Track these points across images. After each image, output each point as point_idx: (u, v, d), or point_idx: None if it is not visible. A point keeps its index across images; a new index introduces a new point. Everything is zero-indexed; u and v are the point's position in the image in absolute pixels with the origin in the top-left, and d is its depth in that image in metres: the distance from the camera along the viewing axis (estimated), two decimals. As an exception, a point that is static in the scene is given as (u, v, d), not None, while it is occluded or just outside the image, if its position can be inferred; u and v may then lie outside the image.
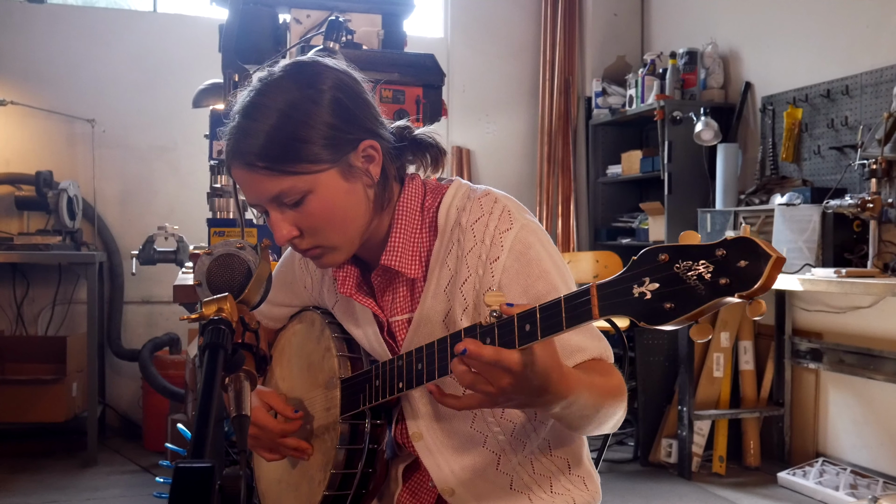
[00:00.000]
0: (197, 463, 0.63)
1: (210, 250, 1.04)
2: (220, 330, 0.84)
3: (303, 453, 1.31)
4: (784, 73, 4.22)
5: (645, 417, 4.19)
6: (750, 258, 0.78)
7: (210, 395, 0.73)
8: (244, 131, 1.13)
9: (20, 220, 4.50)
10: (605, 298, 0.88)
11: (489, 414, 1.23)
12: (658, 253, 0.84)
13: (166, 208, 4.64)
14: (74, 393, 4.20)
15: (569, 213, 5.23)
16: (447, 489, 1.25)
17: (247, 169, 1.13)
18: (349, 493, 1.28)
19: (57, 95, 4.53)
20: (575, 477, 1.31)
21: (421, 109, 2.66)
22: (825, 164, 3.95)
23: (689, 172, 4.44)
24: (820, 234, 3.48)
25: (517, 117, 5.35)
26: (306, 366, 1.39)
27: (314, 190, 1.14)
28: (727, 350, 4.16)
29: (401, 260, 1.22)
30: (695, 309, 0.81)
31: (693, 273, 0.81)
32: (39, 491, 3.67)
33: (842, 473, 3.66)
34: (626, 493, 3.73)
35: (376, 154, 1.19)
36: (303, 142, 1.12)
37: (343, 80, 1.18)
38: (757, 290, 0.78)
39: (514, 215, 1.21)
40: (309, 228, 1.17)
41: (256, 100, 1.15)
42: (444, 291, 1.21)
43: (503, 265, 1.18)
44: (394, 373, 1.19)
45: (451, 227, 1.22)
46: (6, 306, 4.49)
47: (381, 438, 1.30)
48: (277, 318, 1.49)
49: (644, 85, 4.77)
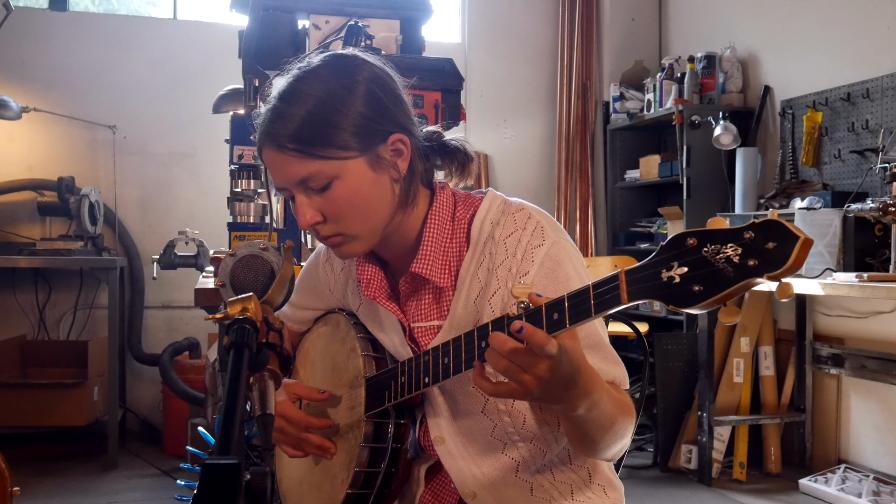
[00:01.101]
0: (224, 459, 0.64)
1: (234, 251, 1.05)
2: (244, 329, 0.84)
3: (326, 452, 1.32)
4: (803, 76, 4.20)
5: (664, 423, 4.17)
6: (778, 240, 0.79)
7: (236, 393, 0.73)
8: (280, 114, 1.16)
9: (42, 225, 4.54)
10: (634, 283, 0.89)
11: (509, 424, 1.24)
12: (686, 238, 0.85)
13: (186, 214, 4.67)
14: (95, 397, 4.23)
15: (587, 218, 5.22)
16: (469, 493, 1.26)
17: (277, 150, 1.15)
18: (372, 492, 1.28)
19: (78, 102, 4.58)
20: (596, 486, 1.31)
21: (440, 114, 2.67)
22: (846, 168, 3.92)
23: (708, 177, 4.43)
24: (841, 239, 3.46)
25: (535, 122, 5.35)
26: (331, 367, 1.40)
27: (341, 176, 1.16)
28: (747, 355, 4.13)
29: (431, 268, 1.24)
30: (724, 291, 0.82)
31: (721, 256, 0.82)
32: (61, 494, 3.70)
33: (864, 480, 3.62)
34: (645, 499, 3.71)
35: (405, 149, 1.20)
36: (335, 127, 1.14)
37: (379, 74, 1.21)
38: (785, 270, 0.79)
39: (546, 232, 1.23)
40: (333, 215, 1.18)
41: (295, 85, 1.17)
42: (474, 303, 1.22)
43: (532, 279, 1.19)
44: (419, 368, 1.20)
45: (484, 239, 1.24)
46: (29, 311, 4.54)
47: (404, 438, 1.30)
48: (302, 320, 1.51)
49: (662, 89, 4.76)
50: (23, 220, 4.53)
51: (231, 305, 0.89)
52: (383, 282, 1.30)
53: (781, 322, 4.25)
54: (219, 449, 0.66)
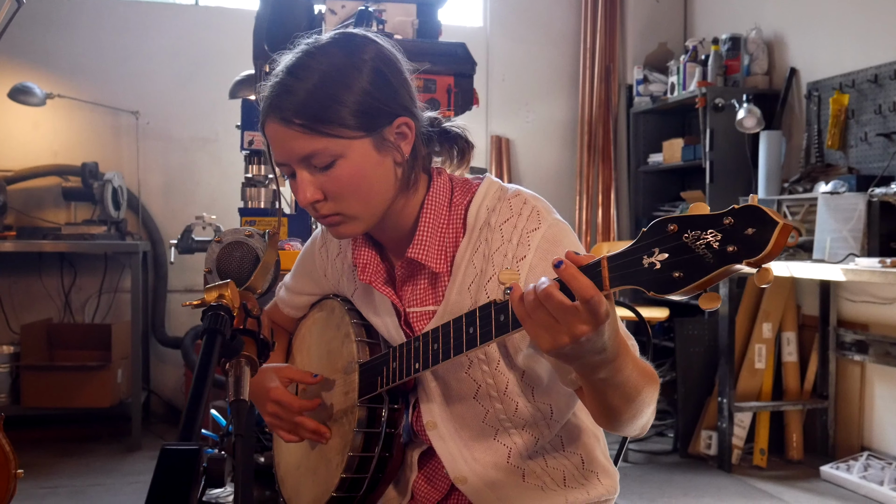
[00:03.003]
0: (183, 445, 0.64)
1: (220, 238, 1.06)
2: (218, 316, 0.85)
3: (321, 436, 1.32)
4: (830, 58, 4.12)
5: (685, 409, 4.14)
6: (757, 226, 0.78)
7: (203, 379, 0.74)
8: (286, 87, 1.15)
9: (68, 210, 4.61)
10: (616, 270, 0.89)
11: (501, 411, 1.24)
12: (667, 224, 0.85)
13: (208, 198, 4.71)
14: (119, 379, 4.30)
15: (609, 203, 5.18)
16: (460, 478, 1.26)
17: (282, 124, 1.14)
18: (366, 476, 1.29)
19: (102, 88, 4.62)
20: (589, 472, 1.31)
21: (452, 98, 2.65)
22: (872, 152, 3.84)
23: (732, 161, 4.37)
24: (865, 223, 3.40)
25: (557, 106, 5.31)
26: (326, 352, 1.40)
27: (345, 155, 1.15)
28: (769, 341, 4.08)
29: (427, 254, 1.23)
30: (703, 277, 0.82)
31: (702, 242, 0.82)
32: (85, 474, 3.77)
33: (887, 468, 3.57)
34: (664, 484, 3.70)
35: (409, 132, 1.20)
36: (341, 104, 1.13)
37: (387, 54, 1.20)
38: (764, 256, 0.78)
39: (542, 216, 1.22)
40: (333, 194, 1.17)
41: (302, 60, 1.16)
42: (469, 289, 1.22)
43: (529, 263, 1.19)
44: (410, 354, 1.21)
45: (480, 225, 1.23)
46: (55, 294, 4.61)
47: (398, 423, 1.31)
48: (299, 306, 1.51)
49: (686, 72, 4.69)
50: (48, 205, 4.59)
51: (208, 292, 0.90)
52: (379, 266, 1.30)
53: (805, 308, 4.20)
54: (180, 434, 0.67)
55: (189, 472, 0.63)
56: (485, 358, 1.22)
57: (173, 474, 0.62)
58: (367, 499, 1.34)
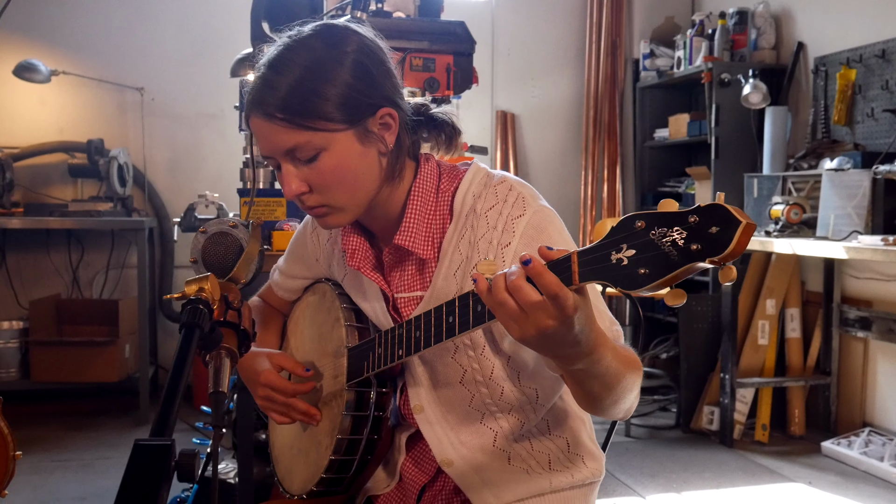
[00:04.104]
0: (155, 441, 0.66)
1: (205, 228, 1.07)
2: (197, 310, 0.87)
3: (312, 418, 1.35)
4: (838, 32, 4.07)
5: (687, 384, 4.16)
6: (721, 224, 0.79)
7: (179, 375, 0.75)
8: (268, 83, 1.15)
9: (74, 187, 4.63)
10: (586, 265, 0.89)
11: (487, 395, 1.25)
12: (636, 220, 0.85)
13: (214, 175, 4.72)
14: (127, 354, 4.35)
15: (615, 178, 5.16)
16: (446, 461, 1.28)
17: (266, 119, 1.15)
18: (355, 458, 1.31)
19: (107, 65, 4.63)
20: (574, 455, 1.32)
21: (452, 77, 2.65)
22: (878, 128, 3.82)
23: (737, 136, 4.34)
24: (870, 200, 3.38)
25: (563, 81, 5.28)
26: (317, 335, 1.42)
27: (329, 148, 1.16)
28: (773, 317, 4.09)
29: (414, 240, 1.24)
30: (668, 274, 0.82)
31: (668, 239, 0.82)
32: (94, 447, 3.83)
33: (888, 444, 3.59)
34: (665, 459, 3.73)
35: (393, 123, 1.20)
36: (322, 98, 1.14)
37: (369, 45, 1.20)
38: (727, 255, 0.79)
39: (527, 202, 1.22)
40: (319, 186, 1.18)
41: (283, 54, 1.17)
42: (455, 275, 1.23)
43: (514, 250, 1.19)
44: (394, 341, 1.22)
45: (466, 212, 1.24)
46: (63, 270, 4.66)
47: (386, 406, 1.33)
48: (293, 289, 1.53)
49: (692, 46, 4.65)
50: (55, 182, 4.62)
51: (188, 285, 0.91)
52: (368, 252, 1.32)
53: (809, 284, 4.19)
54: (153, 429, 0.69)
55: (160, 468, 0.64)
56: (470, 343, 1.23)
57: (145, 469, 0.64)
58: (356, 480, 1.37)
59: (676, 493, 3.33)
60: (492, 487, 1.28)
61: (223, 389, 0.86)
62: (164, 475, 0.65)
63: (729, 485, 3.42)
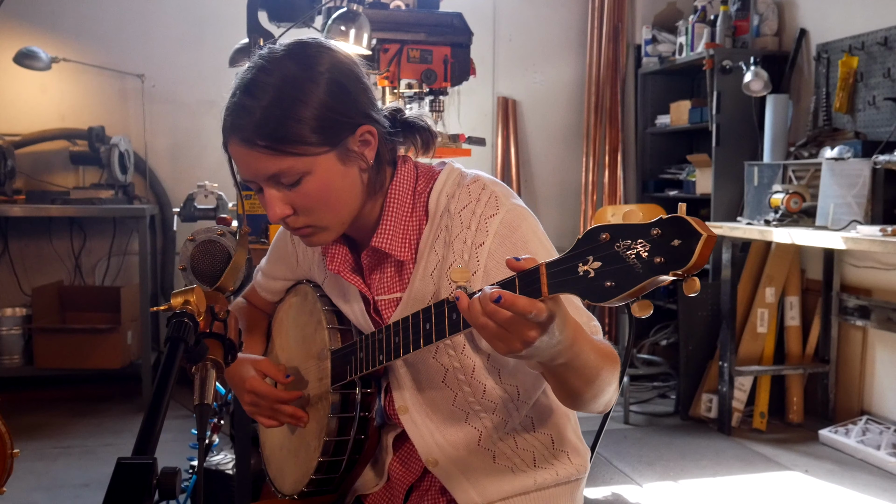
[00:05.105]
0: (138, 459, 0.68)
1: (193, 236, 1.08)
2: (182, 323, 0.88)
3: (299, 421, 1.37)
4: (841, 19, 4.05)
5: (686, 372, 4.18)
6: (683, 237, 0.79)
7: (163, 391, 0.77)
8: (242, 107, 1.15)
9: (76, 174, 4.65)
10: (554, 277, 0.90)
11: (469, 394, 1.27)
12: (600, 232, 0.86)
13: (216, 162, 4.72)
14: (129, 341, 4.37)
15: (616, 165, 5.15)
16: (431, 460, 1.30)
17: (245, 146, 1.15)
18: (343, 458, 1.33)
19: (107, 51, 4.63)
20: (559, 451, 1.34)
21: (449, 69, 2.65)
22: (880, 116, 3.80)
23: (738, 124, 4.33)
24: (870, 190, 3.38)
25: (564, 66, 5.26)
26: (301, 337, 1.44)
27: (312, 171, 1.16)
28: (772, 306, 4.10)
29: (391, 242, 1.25)
30: (633, 287, 0.82)
31: (632, 252, 0.82)
32: (97, 434, 3.87)
33: (885, 432, 3.61)
34: (663, 447, 3.75)
35: (373, 139, 1.21)
36: (298, 120, 1.13)
37: (343, 62, 1.20)
38: (689, 268, 0.79)
39: (500, 201, 1.23)
40: (303, 208, 1.19)
41: (256, 76, 1.16)
42: (431, 276, 1.24)
43: (488, 250, 1.20)
44: (375, 346, 1.24)
45: (440, 213, 1.25)
46: (65, 257, 4.68)
47: (371, 406, 1.34)
48: (275, 290, 1.54)
49: (694, 32, 4.63)
50: (57, 169, 4.63)
51: (174, 297, 0.93)
52: (347, 256, 1.33)
53: (809, 272, 4.20)
54: (136, 447, 0.70)
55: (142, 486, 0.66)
56: (451, 343, 1.24)
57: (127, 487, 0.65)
58: (345, 479, 1.39)
59: (673, 482, 3.35)
60: (476, 486, 1.30)
61: (208, 402, 0.88)
62: (146, 493, 0.66)
63: (726, 473, 3.45)
